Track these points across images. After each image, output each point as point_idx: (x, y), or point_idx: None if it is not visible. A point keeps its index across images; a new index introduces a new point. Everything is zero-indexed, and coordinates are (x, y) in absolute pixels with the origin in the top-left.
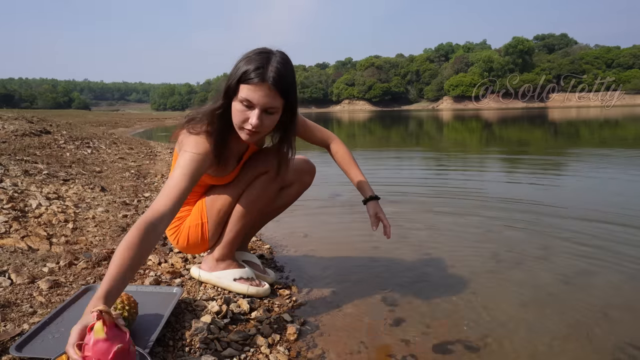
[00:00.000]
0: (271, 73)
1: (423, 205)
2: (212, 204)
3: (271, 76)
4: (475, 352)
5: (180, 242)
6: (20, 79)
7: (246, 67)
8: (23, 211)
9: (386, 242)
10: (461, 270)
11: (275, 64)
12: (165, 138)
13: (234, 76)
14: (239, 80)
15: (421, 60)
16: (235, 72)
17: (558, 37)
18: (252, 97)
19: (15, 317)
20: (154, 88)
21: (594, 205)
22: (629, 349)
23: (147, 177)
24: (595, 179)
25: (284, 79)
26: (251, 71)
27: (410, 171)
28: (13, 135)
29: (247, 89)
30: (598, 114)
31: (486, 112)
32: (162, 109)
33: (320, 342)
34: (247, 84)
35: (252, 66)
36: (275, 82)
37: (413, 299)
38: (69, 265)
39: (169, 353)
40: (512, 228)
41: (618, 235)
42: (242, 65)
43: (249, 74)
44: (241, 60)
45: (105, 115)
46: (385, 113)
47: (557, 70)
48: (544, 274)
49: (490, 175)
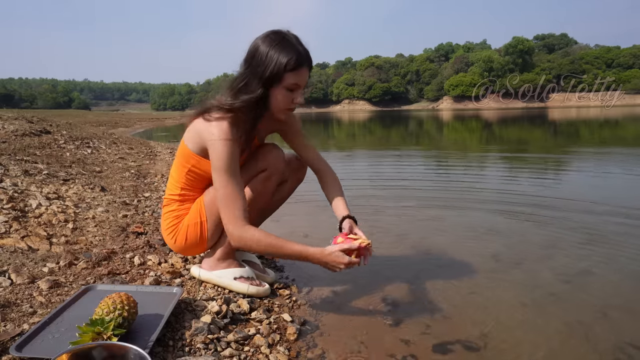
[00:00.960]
0: (304, 56)
1: (423, 204)
2: (211, 203)
3: (305, 59)
4: (475, 352)
5: (178, 242)
6: (20, 79)
7: (285, 57)
8: (23, 211)
9: (386, 242)
10: (461, 270)
11: (300, 46)
12: (166, 138)
13: (273, 66)
14: (285, 70)
15: (421, 60)
16: (272, 62)
17: (558, 37)
18: (300, 81)
19: (15, 317)
20: (154, 88)
21: (594, 204)
22: (629, 349)
23: (147, 177)
24: (596, 177)
25: (309, 54)
26: (293, 60)
27: (411, 170)
28: (13, 135)
29: (294, 76)
30: (598, 114)
31: (486, 112)
32: (162, 109)
33: (320, 342)
34: (292, 71)
35: (291, 55)
36: (309, 62)
37: (413, 299)
38: (69, 265)
39: (169, 353)
40: (512, 227)
41: (618, 235)
42: (275, 54)
43: (291, 63)
44: (270, 49)
45: (105, 115)
46: (385, 113)
47: (557, 70)
48: (544, 274)
49: (490, 174)
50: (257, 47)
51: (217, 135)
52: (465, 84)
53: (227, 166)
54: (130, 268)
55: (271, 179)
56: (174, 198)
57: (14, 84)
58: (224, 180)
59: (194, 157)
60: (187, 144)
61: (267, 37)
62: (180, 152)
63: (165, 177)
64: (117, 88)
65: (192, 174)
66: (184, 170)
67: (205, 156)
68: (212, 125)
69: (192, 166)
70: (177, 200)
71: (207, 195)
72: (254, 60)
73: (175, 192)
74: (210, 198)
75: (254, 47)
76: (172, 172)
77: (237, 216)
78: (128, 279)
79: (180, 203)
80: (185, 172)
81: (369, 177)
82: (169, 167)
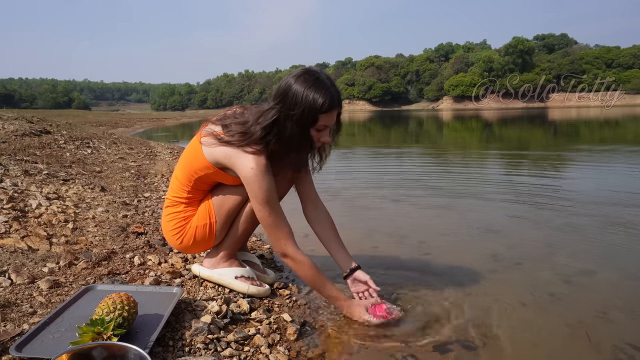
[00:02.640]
0: (337, 99)
1: (423, 204)
2: (221, 204)
3: (337, 102)
4: (475, 352)
5: (184, 242)
6: (20, 79)
7: (321, 99)
8: (23, 211)
9: (386, 242)
10: (461, 270)
11: (332, 88)
12: (166, 138)
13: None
14: (319, 112)
15: (421, 60)
16: (308, 104)
17: (558, 37)
18: (329, 122)
19: (15, 317)
20: (154, 88)
21: (595, 203)
22: (629, 349)
23: (147, 177)
24: (597, 176)
25: (340, 95)
26: (327, 103)
27: (410, 169)
28: (13, 135)
29: (325, 118)
30: (598, 114)
31: (486, 112)
32: (162, 109)
33: (320, 342)
34: (325, 113)
35: (326, 98)
36: (340, 103)
37: (413, 299)
38: (69, 265)
39: (169, 353)
40: (512, 227)
41: (618, 235)
42: (311, 95)
43: (325, 106)
44: (305, 89)
45: (105, 115)
46: (385, 113)
47: (557, 70)
48: (544, 274)
49: (490, 173)
50: (290, 86)
51: (257, 168)
52: (465, 84)
53: (269, 197)
54: (130, 268)
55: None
56: (181, 200)
57: (14, 84)
58: (267, 210)
59: (212, 168)
60: (207, 155)
61: (300, 76)
62: (193, 157)
63: (166, 177)
64: (117, 88)
65: (201, 182)
66: (194, 176)
67: (225, 169)
68: (248, 158)
69: (205, 175)
70: (183, 202)
71: (216, 197)
72: (287, 98)
73: (182, 194)
74: (220, 201)
75: (287, 84)
76: (177, 174)
77: (288, 239)
78: (128, 279)
79: (187, 205)
80: (196, 178)
81: (368, 177)
82: (169, 167)
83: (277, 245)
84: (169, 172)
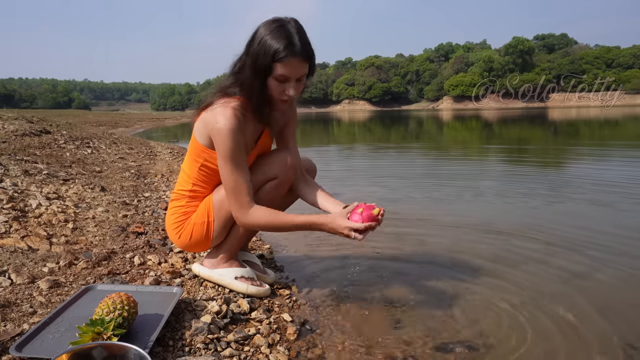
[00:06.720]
0: (299, 48)
1: (423, 203)
2: (220, 205)
3: (299, 51)
4: (475, 352)
5: (182, 239)
6: (20, 79)
7: (276, 45)
8: (23, 211)
9: (386, 242)
10: (461, 270)
11: (297, 36)
12: (166, 138)
13: (264, 55)
14: (273, 60)
15: (421, 60)
16: (263, 50)
17: (558, 37)
18: (288, 73)
19: (15, 317)
20: (154, 88)
21: (594, 204)
22: (629, 349)
23: (147, 177)
24: (596, 176)
25: (307, 46)
26: (282, 50)
27: (410, 169)
28: (13, 135)
29: (282, 67)
30: (598, 114)
31: (486, 112)
32: (162, 108)
33: (320, 342)
34: (280, 62)
35: (281, 44)
36: (304, 54)
37: (413, 299)
38: (69, 265)
39: (169, 353)
40: (512, 227)
41: (618, 234)
42: (268, 41)
43: (280, 53)
44: (265, 35)
45: (105, 115)
46: (385, 113)
47: (557, 70)
48: (544, 274)
49: (489, 172)
50: (256, 31)
51: (221, 122)
52: (465, 84)
53: (232, 153)
54: (130, 268)
55: (280, 187)
56: (184, 193)
57: (14, 84)
58: (229, 168)
59: (205, 150)
60: (197, 137)
61: (268, 22)
62: (191, 146)
63: (166, 177)
64: (117, 88)
65: (205, 169)
66: (196, 165)
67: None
68: (216, 112)
69: (205, 160)
70: (187, 196)
71: (217, 194)
72: (253, 43)
73: (187, 187)
74: (220, 198)
75: (256, 29)
76: (184, 167)
77: (242, 203)
78: (128, 279)
79: (190, 199)
80: (198, 167)
81: (368, 176)
82: (169, 167)
83: (233, 208)
84: (169, 172)
